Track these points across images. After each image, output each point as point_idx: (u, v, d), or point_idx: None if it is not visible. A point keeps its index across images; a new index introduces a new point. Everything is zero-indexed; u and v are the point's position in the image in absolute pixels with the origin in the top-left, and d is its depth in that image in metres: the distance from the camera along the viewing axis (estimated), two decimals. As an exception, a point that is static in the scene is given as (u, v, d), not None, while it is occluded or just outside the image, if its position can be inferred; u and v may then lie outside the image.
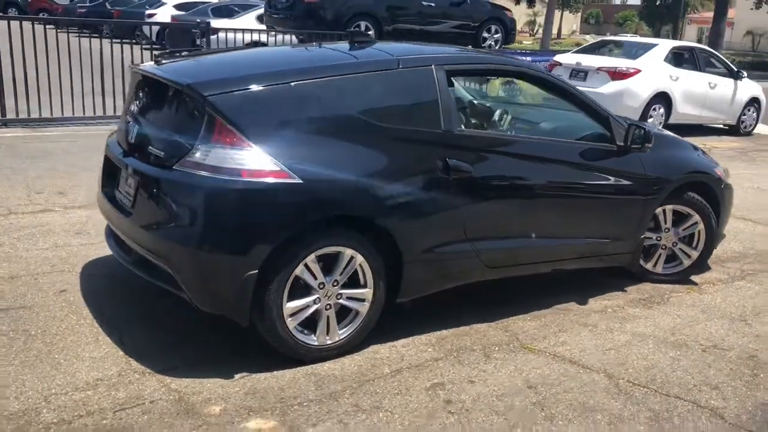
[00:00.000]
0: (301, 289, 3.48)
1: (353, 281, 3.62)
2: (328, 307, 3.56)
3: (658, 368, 3.75)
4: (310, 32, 11.95)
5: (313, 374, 3.49)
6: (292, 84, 3.56)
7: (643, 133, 4.40)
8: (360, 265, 3.59)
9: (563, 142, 4.42)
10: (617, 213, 4.57)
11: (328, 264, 3.53)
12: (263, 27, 13.30)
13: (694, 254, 5.01)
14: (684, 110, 11.92)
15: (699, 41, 60.41)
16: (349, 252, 3.53)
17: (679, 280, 5.04)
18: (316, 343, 3.57)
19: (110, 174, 4.06)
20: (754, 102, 13.07)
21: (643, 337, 4.11)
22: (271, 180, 3.29)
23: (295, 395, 3.29)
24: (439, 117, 3.82)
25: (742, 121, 13.08)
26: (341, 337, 3.65)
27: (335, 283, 3.55)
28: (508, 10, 14.92)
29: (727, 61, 13.55)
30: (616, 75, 11.28)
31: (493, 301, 4.42)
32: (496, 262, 4.10)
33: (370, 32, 12.45)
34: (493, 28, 14.05)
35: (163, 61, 4.08)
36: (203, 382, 3.34)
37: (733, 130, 13.04)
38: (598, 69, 11.45)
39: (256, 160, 3.31)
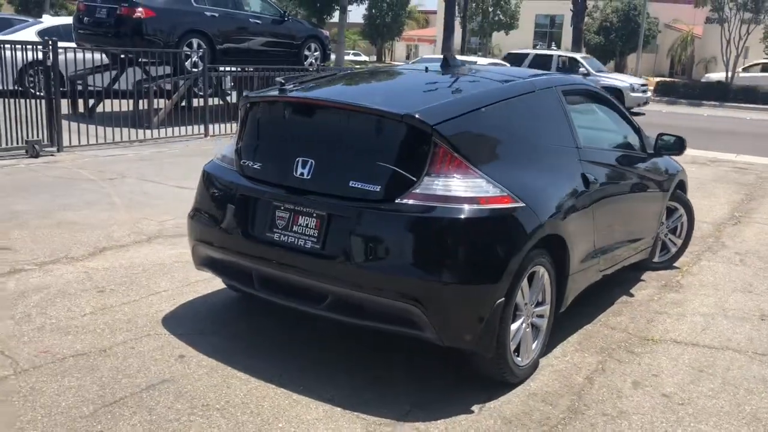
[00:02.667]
0: (515, 312, 3.52)
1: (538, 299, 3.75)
2: (527, 327, 3.64)
3: (755, 339, 4.43)
4: (131, 50, 11.13)
5: (533, 394, 3.56)
6: (488, 109, 3.58)
7: (672, 142, 5.10)
8: (544, 282, 3.72)
9: (627, 152, 4.93)
10: (650, 210, 5.21)
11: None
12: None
13: (679, 242, 5.88)
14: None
15: (408, 57, 66.59)
16: (542, 270, 3.65)
17: (667, 266, 5.85)
18: (522, 364, 3.62)
19: (242, 213, 3.65)
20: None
21: (708, 316, 4.79)
22: (504, 206, 3.31)
23: (544, 416, 3.35)
24: (571, 134, 4.10)
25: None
26: (534, 355, 3.74)
27: (531, 303, 3.65)
28: (323, 28, 15.22)
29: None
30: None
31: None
32: (603, 266, 4.47)
33: (202, 50, 11.91)
34: (313, 46, 14.26)
35: (309, 86, 3.79)
36: (455, 421, 3.25)
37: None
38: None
39: (485, 187, 3.30)
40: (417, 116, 3.30)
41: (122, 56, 11.33)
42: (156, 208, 6.75)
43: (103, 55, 11.47)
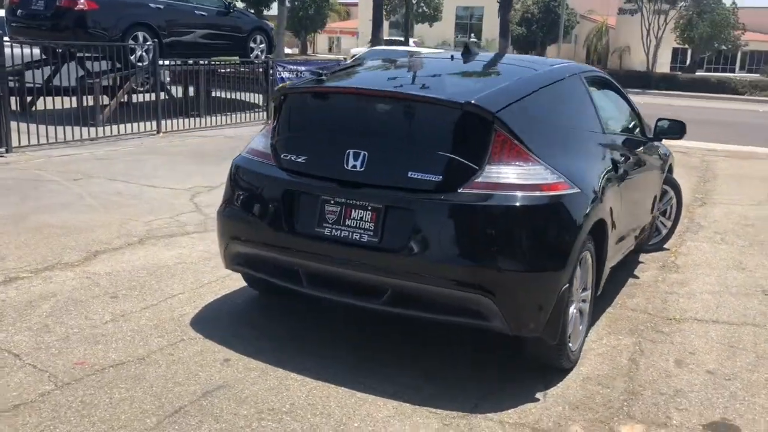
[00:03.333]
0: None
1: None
2: (576, 312, 3.66)
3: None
4: (73, 44, 10.62)
5: (587, 378, 3.59)
6: (533, 96, 3.57)
7: (672, 126, 5.23)
8: (589, 267, 3.75)
9: (633, 136, 5.02)
10: (652, 193, 5.32)
11: (576, 269, 3.63)
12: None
13: (669, 224, 6.06)
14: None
15: (330, 49, 66.23)
16: (588, 255, 3.68)
17: (658, 248, 6.02)
18: (574, 349, 3.64)
19: (286, 208, 3.51)
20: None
21: (716, 294, 4.95)
22: (563, 192, 3.31)
23: (606, 399, 3.38)
24: (598, 119, 4.15)
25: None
26: (582, 340, 3.77)
27: (579, 288, 3.67)
28: (267, 20, 14.92)
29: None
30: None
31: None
32: (624, 248, 4.54)
33: (148, 42, 11.45)
34: (259, 38, 13.95)
35: (350, 77, 3.66)
36: (525, 410, 3.24)
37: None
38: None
39: (544, 174, 3.29)
40: (479, 104, 3.26)
41: (60, 51, 10.78)
42: (135, 208, 6.45)
43: (37, 49, 10.89)
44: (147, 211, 6.31)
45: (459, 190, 3.21)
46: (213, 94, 12.99)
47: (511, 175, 3.22)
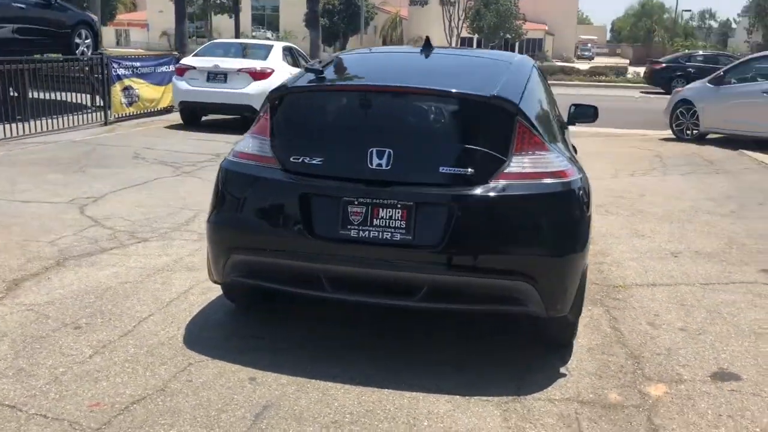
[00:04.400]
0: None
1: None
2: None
3: (690, 272, 5.19)
4: None
5: (591, 349, 3.84)
6: (528, 88, 3.72)
7: (584, 111, 5.66)
8: None
9: (561, 120, 5.35)
10: None
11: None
12: None
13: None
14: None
15: (117, 43, 62.25)
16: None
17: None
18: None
19: (300, 213, 3.38)
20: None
21: (636, 260, 5.49)
22: (575, 177, 3.50)
23: (618, 365, 3.65)
24: (556, 107, 4.43)
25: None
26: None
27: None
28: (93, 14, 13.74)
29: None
30: (257, 75, 11.89)
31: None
32: None
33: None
34: (84, 33, 12.82)
35: (356, 72, 3.56)
36: (563, 385, 3.42)
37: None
38: (239, 70, 11.87)
39: (559, 162, 3.46)
40: (503, 96, 3.36)
41: None
42: (24, 227, 5.74)
43: None
44: (41, 230, 5.64)
45: (490, 182, 3.29)
46: (33, 95, 11.70)
47: (537, 164, 3.36)
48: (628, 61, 56.85)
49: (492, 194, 3.27)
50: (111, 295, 4.32)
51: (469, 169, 3.30)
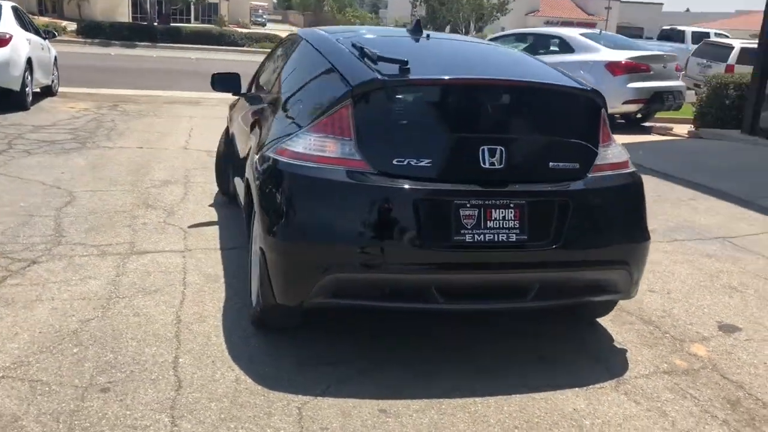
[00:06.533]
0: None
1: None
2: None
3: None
4: None
5: (622, 323, 4.13)
6: None
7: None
8: None
9: None
10: None
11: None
12: None
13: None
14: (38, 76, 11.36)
15: None
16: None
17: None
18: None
19: (405, 221, 3.10)
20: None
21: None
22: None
23: (653, 335, 4.01)
24: None
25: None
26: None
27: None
28: None
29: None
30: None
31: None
32: None
33: None
34: None
35: (435, 64, 3.28)
36: (628, 362, 3.64)
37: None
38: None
39: (624, 152, 3.62)
40: (596, 89, 3.39)
41: None
42: None
43: None
44: None
45: (589, 175, 3.33)
46: None
47: (615, 155, 3.48)
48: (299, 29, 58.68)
49: (596, 187, 3.33)
50: (92, 341, 3.41)
51: (574, 163, 3.31)
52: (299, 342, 3.55)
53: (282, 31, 45.57)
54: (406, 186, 3.09)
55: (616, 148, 3.52)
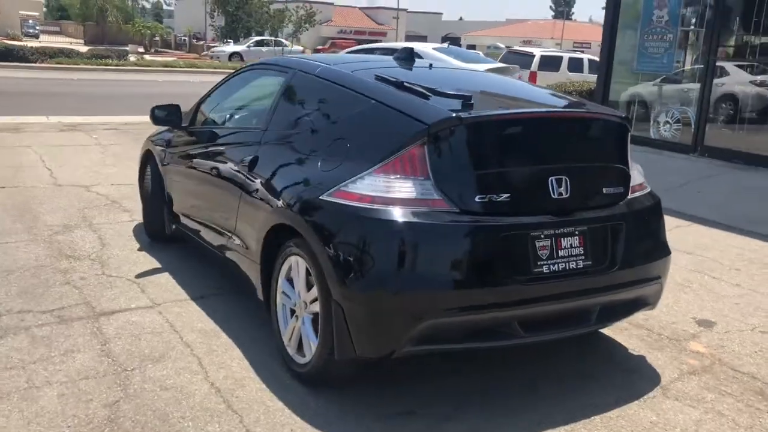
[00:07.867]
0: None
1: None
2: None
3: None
4: None
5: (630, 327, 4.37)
6: None
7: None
8: None
9: None
10: None
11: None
12: None
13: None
14: None
15: None
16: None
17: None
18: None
19: (499, 256, 3.08)
20: None
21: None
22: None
23: (648, 335, 4.30)
24: None
25: None
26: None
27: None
28: None
29: None
30: None
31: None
32: None
33: None
34: None
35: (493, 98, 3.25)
36: (659, 371, 3.89)
37: None
38: None
39: (640, 172, 3.85)
40: (625, 115, 3.58)
41: None
42: None
43: None
44: None
45: (629, 197, 3.51)
46: None
47: (637, 176, 3.69)
48: (82, 41, 54.78)
49: (635, 208, 3.52)
50: (139, 427, 2.95)
51: (619, 188, 3.46)
52: (360, 393, 3.36)
53: (62, 43, 41.45)
54: (492, 222, 3.05)
55: (636, 169, 3.74)
